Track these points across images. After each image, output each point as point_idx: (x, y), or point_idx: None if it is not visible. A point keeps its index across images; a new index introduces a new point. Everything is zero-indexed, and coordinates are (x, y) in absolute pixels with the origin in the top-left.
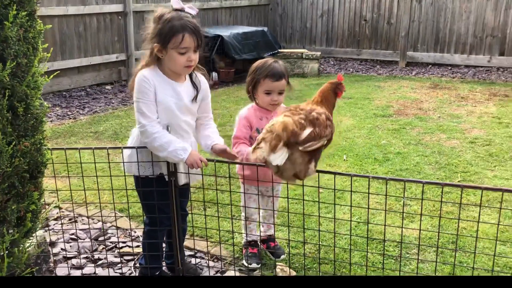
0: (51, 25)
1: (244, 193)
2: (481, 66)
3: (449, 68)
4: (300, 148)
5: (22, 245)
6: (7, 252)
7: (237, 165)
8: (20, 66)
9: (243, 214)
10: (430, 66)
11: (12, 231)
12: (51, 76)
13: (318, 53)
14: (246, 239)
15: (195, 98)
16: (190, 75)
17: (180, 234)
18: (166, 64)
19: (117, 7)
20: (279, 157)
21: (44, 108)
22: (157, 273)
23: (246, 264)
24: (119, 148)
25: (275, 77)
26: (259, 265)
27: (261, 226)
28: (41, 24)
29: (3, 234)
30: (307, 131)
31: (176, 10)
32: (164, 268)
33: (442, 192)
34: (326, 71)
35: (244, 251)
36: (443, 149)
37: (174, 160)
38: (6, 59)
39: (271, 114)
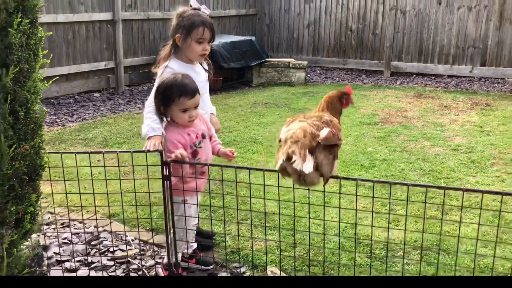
0: (51, 33)
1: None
2: (464, 76)
3: (433, 78)
4: (323, 149)
5: (20, 246)
6: (6, 253)
7: (172, 178)
8: (22, 71)
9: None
10: (414, 76)
11: (11, 232)
12: (50, 82)
13: (305, 63)
14: (187, 251)
15: (208, 77)
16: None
17: (173, 224)
18: (184, 53)
19: (106, 15)
20: (309, 164)
21: (43, 112)
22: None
23: (203, 267)
24: (115, 152)
25: (190, 95)
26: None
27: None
28: (42, 31)
29: (2, 235)
30: (325, 130)
31: (195, 9)
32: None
33: (426, 192)
34: (313, 80)
35: (194, 260)
36: (427, 156)
37: (142, 131)
38: (9, 65)
39: (191, 128)
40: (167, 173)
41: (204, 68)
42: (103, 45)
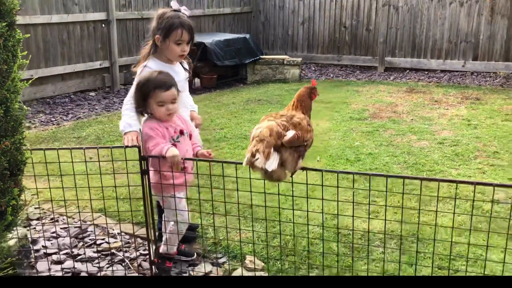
0: (29, 35)
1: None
2: (456, 71)
3: (426, 72)
4: (289, 150)
5: (3, 238)
6: None
7: (151, 175)
8: (0, 72)
9: (172, 223)
10: (407, 71)
11: None
12: (29, 82)
13: (299, 59)
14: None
15: (187, 77)
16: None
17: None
18: (163, 53)
19: (100, 15)
20: (273, 162)
21: (23, 111)
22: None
23: (185, 258)
24: (95, 148)
25: (164, 87)
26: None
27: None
28: (20, 33)
29: None
30: (291, 132)
31: (175, 10)
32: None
33: (403, 184)
34: (307, 77)
35: (176, 252)
36: (412, 150)
37: (120, 127)
38: None
39: (172, 121)
40: (145, 168)
41: (184, 68)
42: (98, 44)
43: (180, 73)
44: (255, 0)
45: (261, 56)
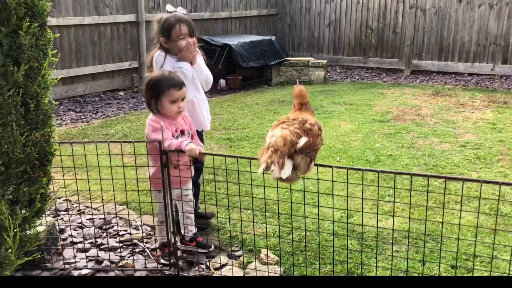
0: (58, 35)
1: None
2: (485, 74)
3: (453, 76)
4: (300, 154)
5: (33, 224)
6: (19, 228)
7: (150, 170)
8: (32, 68)
9: (158, 219)
10: (434, 74)
11: (24, 211)
12: (59, 78)
13: (324, 61)
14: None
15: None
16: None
17: (172, 214)
18: (173, 52)
19: (130, 17)
20: (287, 170)
21: (52, 105)
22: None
23: (165, 262)
24: (118, 142)
25: (178, 86)
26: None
27: (185, 227)
28: (50, 33)
29: (16, 212)
30: (303, 140)
31: (170, 12)
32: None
33: (411, 180)
34: (332, 79)
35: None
36: (434, 152)
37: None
38: (21, 63)
39: (176, 120)
40: (165, 161)
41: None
42: (127, 45)
43: (188, 69)
44: (282, 2)
45: (286, 58)
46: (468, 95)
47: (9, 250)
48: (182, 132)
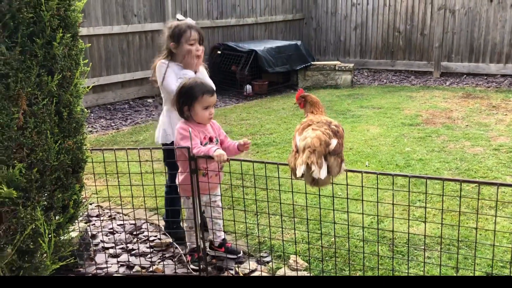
0: (90, 44)
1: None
2: None
3: (485, 77)
4: (333, 155)
5: (66, 229)
6: (54, 233)
7: (179, 177)
8: (65, 78)
9: (186, 224)
10: (465, 76)
11: (58, 217)
12: (90, 87)
13: (351, 65)
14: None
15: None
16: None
17: (200, 218)
18: (179, 58)
19: (158, 26)
20: (324, 170)
21: (84, 113)
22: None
23: (195, 267)
24: (149, 148)
25: (211, 92)
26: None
27: (214, 233)
28: (82, 43)
29: (50, 218)
30: (334, 141)
31: (181, 20)
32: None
33: (443, 185)
34: (360, 82)
35: (189, 257)
36: (465, 156)
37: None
38: (54, 73)
39: (205, 127)
40: (195, 167)
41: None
42: (155, 53)
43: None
44: (307, 7)
45: (312, 62)
46: (501, 97)
47: (45, 255)
48: (211, 139)
